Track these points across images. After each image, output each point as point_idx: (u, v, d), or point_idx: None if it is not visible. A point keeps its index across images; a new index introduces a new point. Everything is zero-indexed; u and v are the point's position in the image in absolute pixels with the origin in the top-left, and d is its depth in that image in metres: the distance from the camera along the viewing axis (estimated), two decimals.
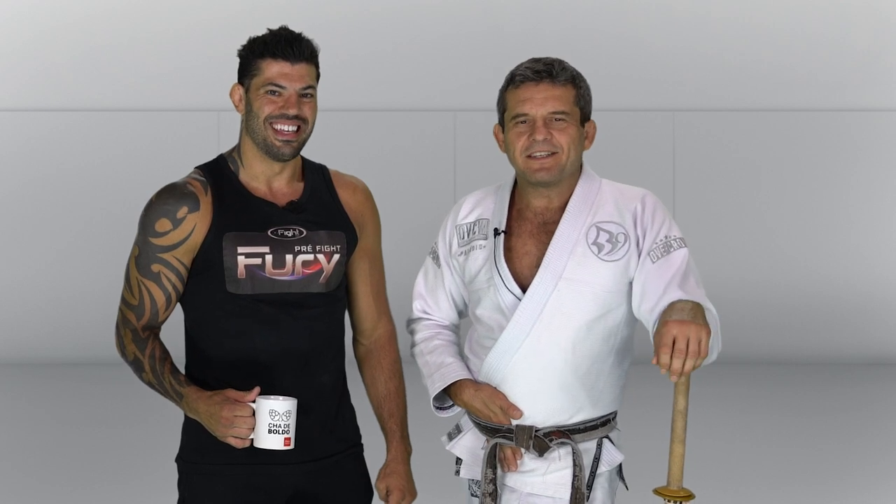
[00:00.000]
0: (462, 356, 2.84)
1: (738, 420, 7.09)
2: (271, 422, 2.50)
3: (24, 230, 9.15)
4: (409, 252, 8.39)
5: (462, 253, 2.79)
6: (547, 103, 2.66)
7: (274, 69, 2.64)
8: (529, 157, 2.67)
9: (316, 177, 2.78)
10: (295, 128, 2.65)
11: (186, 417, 2.70)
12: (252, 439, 2.53)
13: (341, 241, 2.74)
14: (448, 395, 2.80)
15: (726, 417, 7.01)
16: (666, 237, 2.66)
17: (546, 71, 2.67)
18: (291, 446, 2.53)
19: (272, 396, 2.53)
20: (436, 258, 2.87)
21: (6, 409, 7.65)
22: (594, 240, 2.68)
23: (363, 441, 2.87)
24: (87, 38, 9.16)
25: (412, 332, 2.91)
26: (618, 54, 9.02)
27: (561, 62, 2.70)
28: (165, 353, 2.66)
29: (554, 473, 2.70)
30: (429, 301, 2.89)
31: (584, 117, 2.71)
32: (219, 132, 8.97)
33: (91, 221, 9.14)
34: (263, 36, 2.67)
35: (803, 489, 5.69)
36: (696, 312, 2.44)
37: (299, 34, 2.67)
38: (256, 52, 2.65)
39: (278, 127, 2.64)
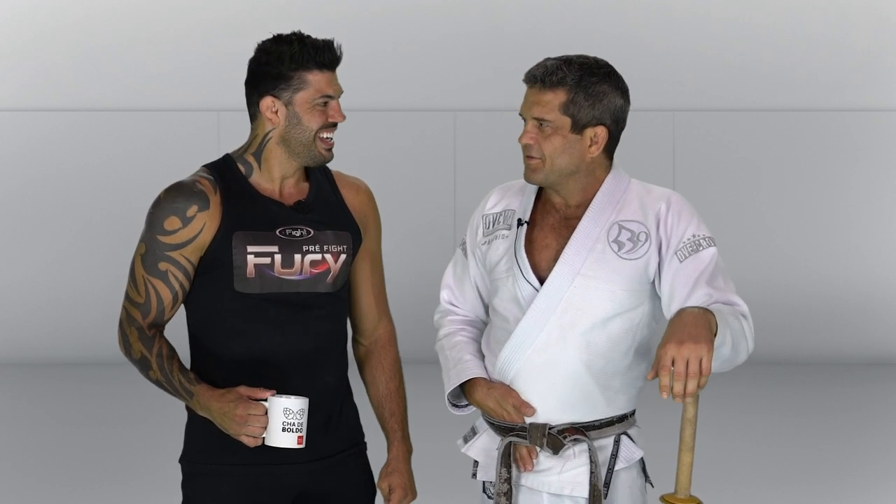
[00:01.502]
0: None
1: (738, 420, 7.09)
2: (285, 420, 2.51)
3: (24, 230, 9.13)
4: (409, 252, 8.39)
5: (486, 242, 2.78)
6: (532, 108, 2.64)
7: (322, 80, 2.63)
8: (525, 156, 2.67)
9: (320, 177, 2.78)
10: (334, 133, 2.69)
11: (190, 418, 2.70)
12: (263, 438, 2.53)
13: (347, 241, 2.75)
14: (463, 393, 2.79)
15: (726, 417, 7.00)
16: (694, 236, 2.64)
17: (538, 75, 2.63)
18: (304, 445, 2.53)
19: (285, 395, 2.53)
20: (464, 249, 2.86)
21: (6, 409, 7.64)
22: (615, 237, 2.65)
23: (366, 440, 2.87)
24: (87, 38, 9.14)
25: (438, 326, 2.91)
26: (618, 54, 8.92)
27: (565, 65, 2.62)
28: (172, 352, 2.66)
29: (570, 472, 2.68)
30: (455, 292, 2.88)
31: (582, 124, 2.62)
32: (219, 132, 8.97)
33: (91, 221, 9.13)
34: (298, 46, 2.61)
35: (803, 489, 5.69)
36: (698, 326, 2.40)
37: (331, 40, 2.66)
38: (300, 64, 2.61)
39: (324, 136, 2.67)
